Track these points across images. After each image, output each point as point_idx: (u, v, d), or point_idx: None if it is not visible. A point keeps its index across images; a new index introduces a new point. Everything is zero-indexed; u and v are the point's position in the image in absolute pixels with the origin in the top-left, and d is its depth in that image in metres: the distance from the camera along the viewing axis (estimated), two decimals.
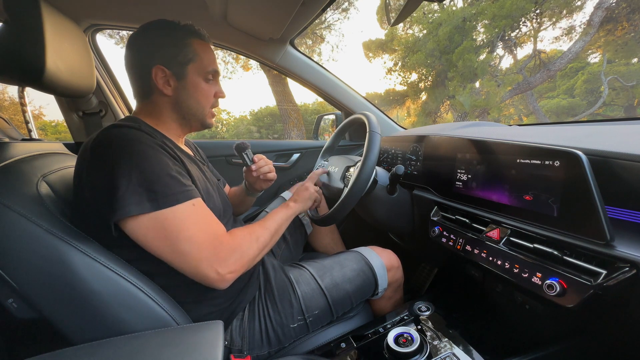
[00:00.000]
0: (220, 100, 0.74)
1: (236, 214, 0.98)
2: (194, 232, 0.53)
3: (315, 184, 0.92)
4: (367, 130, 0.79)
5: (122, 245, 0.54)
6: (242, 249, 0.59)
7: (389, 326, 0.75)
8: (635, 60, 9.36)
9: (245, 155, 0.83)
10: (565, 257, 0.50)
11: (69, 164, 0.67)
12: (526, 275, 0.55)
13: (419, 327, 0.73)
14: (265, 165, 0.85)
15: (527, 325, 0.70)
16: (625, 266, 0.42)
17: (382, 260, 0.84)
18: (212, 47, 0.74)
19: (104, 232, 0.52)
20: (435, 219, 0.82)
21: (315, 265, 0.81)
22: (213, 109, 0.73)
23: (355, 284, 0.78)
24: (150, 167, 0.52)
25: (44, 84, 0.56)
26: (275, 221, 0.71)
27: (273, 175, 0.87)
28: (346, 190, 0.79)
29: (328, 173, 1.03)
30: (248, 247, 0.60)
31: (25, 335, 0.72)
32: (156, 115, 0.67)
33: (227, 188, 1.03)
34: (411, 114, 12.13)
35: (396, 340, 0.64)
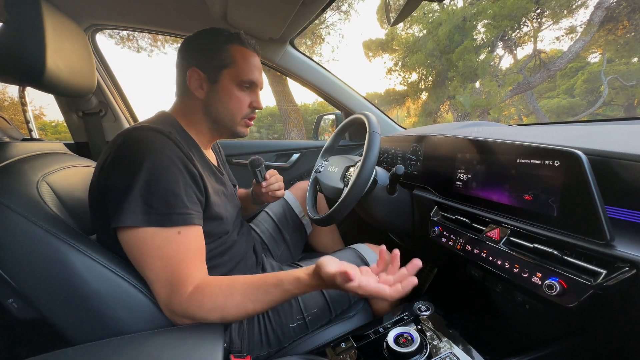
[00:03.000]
0: None
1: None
2: (162, 266, 0.50)
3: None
4: (367, 130, 0.79)
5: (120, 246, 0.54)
6: (195, 314, 0.51)
7: (389, 326, 0.75)
8: (635, 59, 9.35)
9: (258, 172, 0.82)
10: (565, 257, 0.50)
11: (69, 163, 0.67)
12: (526, 275, 0.55)
13: (419, 327, 0.73)
14: (275, 183, 0.85)
15: (527, 325, 0.70)
16: (625, 266, 0.42)
17: (377, 256, 0.83)
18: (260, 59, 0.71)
19: (106, 231, 0.52)
20: (435, 218, 0.82)
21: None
22: (249, 119, 0.70)
23: None
24: (157, 180, 0.50)
25: (44, 84, 0.56)
26: (274, 299, 0.53)
27: (281, 193, 0.87)
28: (346, 190, 0.79)
29: (328, 173, 1.03)
30: (203, 315, 0.51)
31: (25, 335, 0.72)
32: (189, 116, 0.67)
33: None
34: (411, 114, 12.13)
35: (396, 340, 0.64)
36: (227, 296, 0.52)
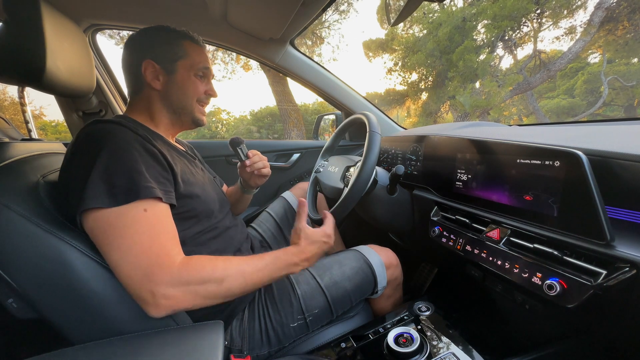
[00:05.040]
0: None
1: (235, 214, 0.98)
2: (135, 242, 0.48)
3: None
4: (367, 130, 0.79)
5: None
6: (192, 280, 0.50)
7: (389, 326, 0.75)
8: (635, 60, 9.36)
9: (239, 150, 0.83)
10: (565, 257, 0.50)
11: None
12: (526, 275, 0.55)
13: (419, 327, 0.73)
14: (259, 161, 0.85)
15: (527, 325, 0.70)
16: (625, 266, 0.42)
17: (380, 258, 0.84)
18: (213, 47, 0.74)
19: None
20: (435, 219, 0.82)
21: (314, 265, 0.81)
22: (203, 106, 0.73)
23: (354, 282, 0.78)
24: (116, 162, 0.51)
25: (44, 84, 0.56)
26: (263, 275, 0.57)
27: (267, 170, 0.87)
28: (346, 190, 0.79)
29: (328, 173, 1.03)
30: (200, 280, 0.50)
31: (25, 335, 0.72)
32: (147, 111, 0.68)
33: (224, 188, 1.03)
34: (411, 114, 12.14)
35: (396, 340, 0.64)
36: (225, 260, 0.55)
